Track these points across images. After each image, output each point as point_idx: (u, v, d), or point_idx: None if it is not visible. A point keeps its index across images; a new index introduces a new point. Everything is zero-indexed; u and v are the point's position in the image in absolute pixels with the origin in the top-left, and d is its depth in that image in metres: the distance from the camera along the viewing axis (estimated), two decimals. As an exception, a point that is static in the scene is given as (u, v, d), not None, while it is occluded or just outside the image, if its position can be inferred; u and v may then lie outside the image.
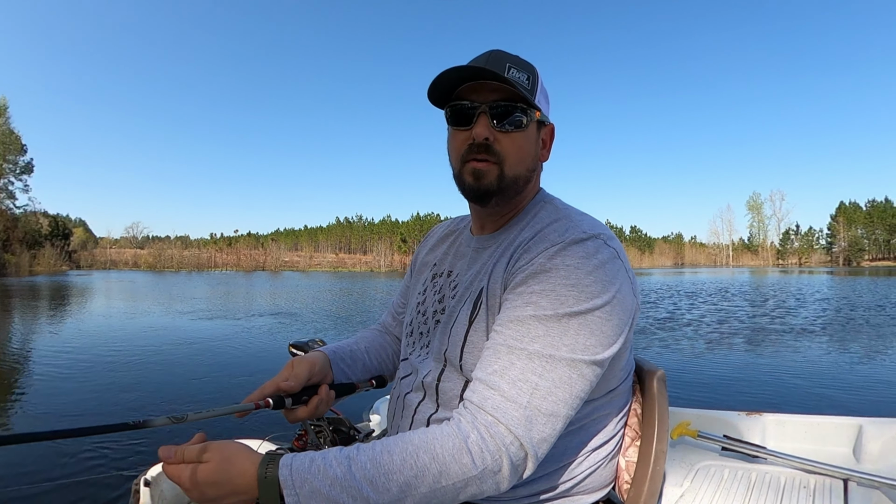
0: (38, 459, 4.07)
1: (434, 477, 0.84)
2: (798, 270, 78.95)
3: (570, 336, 0.92)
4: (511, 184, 1.12)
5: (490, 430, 0.87)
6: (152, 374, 7.29)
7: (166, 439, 4.15)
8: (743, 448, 1.71)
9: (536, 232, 1.05)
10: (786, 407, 5.67)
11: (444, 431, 0.89)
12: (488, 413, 0.88)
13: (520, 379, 0.89)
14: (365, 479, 0.83)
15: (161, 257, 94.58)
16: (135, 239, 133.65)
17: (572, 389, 0.91)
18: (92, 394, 6.05)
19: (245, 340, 10.64)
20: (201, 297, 23.26)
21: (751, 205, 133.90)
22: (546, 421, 0.89)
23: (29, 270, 60.76)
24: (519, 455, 0.87)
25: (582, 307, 0.93)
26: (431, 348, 1.20)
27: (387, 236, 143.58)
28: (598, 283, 0.95)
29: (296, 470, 0.84)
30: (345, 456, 0.86)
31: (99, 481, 3.66)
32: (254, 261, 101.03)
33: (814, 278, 42.69)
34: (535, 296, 0.95)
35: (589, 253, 0.98)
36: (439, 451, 0.86)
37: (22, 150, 64.00)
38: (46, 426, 4.77)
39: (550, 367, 0.90)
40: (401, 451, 0.86)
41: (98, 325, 13.38)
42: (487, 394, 0.90)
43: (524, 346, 0.91)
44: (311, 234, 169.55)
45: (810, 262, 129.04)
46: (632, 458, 1.22)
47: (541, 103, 1.13)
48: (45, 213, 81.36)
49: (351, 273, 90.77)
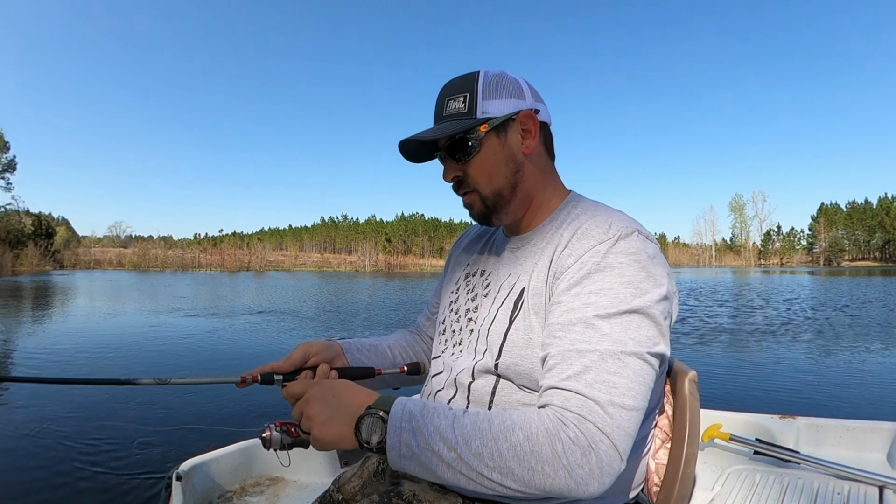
0: (75, 454, 4.21)
1: (525, 455, 0.86)
2: (780, 270, 79.51)
3: (633, 330, 0.94)
4: (496, 199, 1.17)
5: (580, 426, 0.87)
6: (157, 371, 7.48)
7: (187, 438, 4.29)
8: (775, 452, 1.70)
9: (576, 229, 1.07)
10: (820, 410, 5.52)
11: (543, 416, 0.90)
12: (574, 412, 0.89)
13: (597, 381, 0.90)
14: (462, 437, 0.88)
15: (146, 257, 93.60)
16: (118, 238, 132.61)
17: (645, 382, 0.94)
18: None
19: (247, 338, 10.76)
20: (191, 297, 23.26)
21: (733, 206, 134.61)
22: (629, 416, 0.90)
23: (12, 270, 60.02)
24: (610, 453, 0.87)
25: (640, 302, 0.95)
26: (464, 346, 1.21)
27: (372, 236, 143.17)
28: (650, 277, 0.98)
29: (409, 406, 0.92)
30: (451, 412, 0.92)
31: (134, 475, 3.80)
32: (238, 261, 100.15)
33: (814, 279, 42.74)
34: (593, 296, 0.97)
35: (637, 249, 1.00)
36: (534, 432, 0.87)
37: (4, 146, 63.35)
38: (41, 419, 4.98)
39: (623, 364, 0.92)
40: (500, 423, 0.89)
41: (101, 324, 13.44)
42: (568, 395, 0.91)
43: (594, 348, 0.93)
44: (296, 233, 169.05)
45: (791, 262, 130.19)
46: (661, 460, 1.22)
47: (488, 108, 1.13)
48: (27, 211, 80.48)
49: (336, 273, 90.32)
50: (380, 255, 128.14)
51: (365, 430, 0.91)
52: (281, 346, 9.85)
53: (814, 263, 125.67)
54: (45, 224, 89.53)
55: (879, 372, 7.46)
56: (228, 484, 2.21)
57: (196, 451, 2.16)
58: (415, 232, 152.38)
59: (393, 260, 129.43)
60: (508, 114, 1.15)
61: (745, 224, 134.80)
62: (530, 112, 1.16)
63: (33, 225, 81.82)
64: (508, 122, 1.16)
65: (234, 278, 53.89)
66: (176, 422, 5.04)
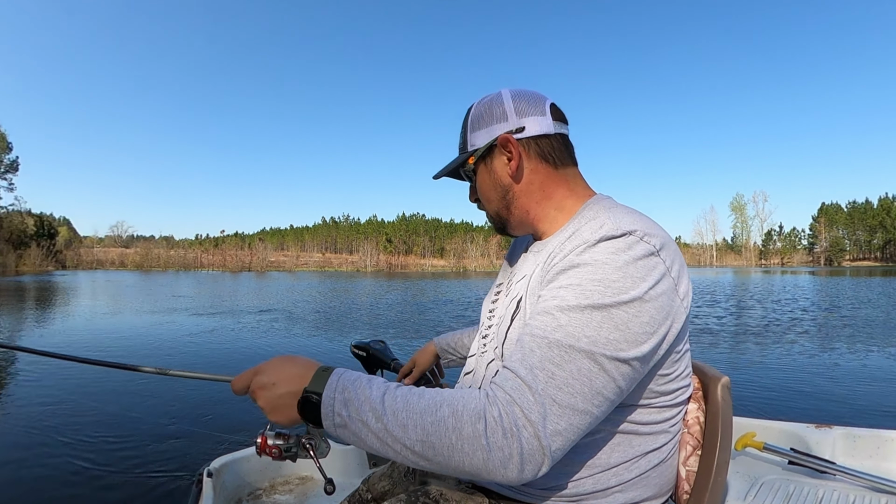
0: (107, 453, 4.29)
1: (447, 431, 0.86)
2: (781, 270, 79.01)
3: (591, 328, 0.90)
4: (497, 218, 1.28)
5: (506, 409, 0.86)
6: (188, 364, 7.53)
7: (219, 435, 4.38)
8: (810, 463, 1.64)
9: (573, 231, 1.07)
10: (857, 420, 5.26)
11: (472, 395, 0.90)
12: (507, 392, 0.88)
13: (537, 366, 0.89)
14: (391, 408, 0.89)
15: (148, 257, 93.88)
16: (119, 238, 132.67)
17: (592, 384, 0.89)
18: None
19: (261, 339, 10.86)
20: (198, 296, 23.33)
21: (734, 206, 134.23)
22: (561, 413, 0.87)
23: (15, 270, 60.26)
24: (532, 443, 0.85)
25: (606, 301, 0.91)
26: (488, 345, 1.25)
27: (373, 236, 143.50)
28: (626, 278, 0.93)
29: (344, 377, 0.94)
30: (385, 385, 0.94)
31: (166, 473, 3.89)
32: (240, 261, 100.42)
33: (831, 280, 41.78)
34: (562, 290, 0.96)
35: (619, 249, 0.96)
36: (460, 409, 0.87)
37: (7, 147, 63.37)
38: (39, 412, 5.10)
39: (569, 358, 0.89)
40: (429, 398, 0.90)
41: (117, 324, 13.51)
42: (508, 376, 0.91)
43: (545, 335, 0.91)
44: (298, 233, 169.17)
45: (792, 262, 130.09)
46: (692, 467, 1.20)
47: (477, 138, 1.22)
48: (30, 212, 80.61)
49: (337, 273, 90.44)
50: (381, 255, 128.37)
51: (307, 410, 0.94)
52: (277, 345, 9.87)
53: (814, 263, 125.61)
54: (48, 224, 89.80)
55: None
56: (258, 482, 2.26)
57: (227, 450, 2.22)
58: (416, 232, 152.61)
59: (394, 260, 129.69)
60: (487, 143, 1.20)
61: (746, 224, 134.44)
62: (507, 136, 1.17)
63: (36, 225, 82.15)
64: (492, 149, 1.20)
65: (237, 278, 53.96)
66: (207, 419, 5.14)
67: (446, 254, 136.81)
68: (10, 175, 64.87)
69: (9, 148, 63.57)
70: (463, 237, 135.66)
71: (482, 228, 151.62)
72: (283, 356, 1.03)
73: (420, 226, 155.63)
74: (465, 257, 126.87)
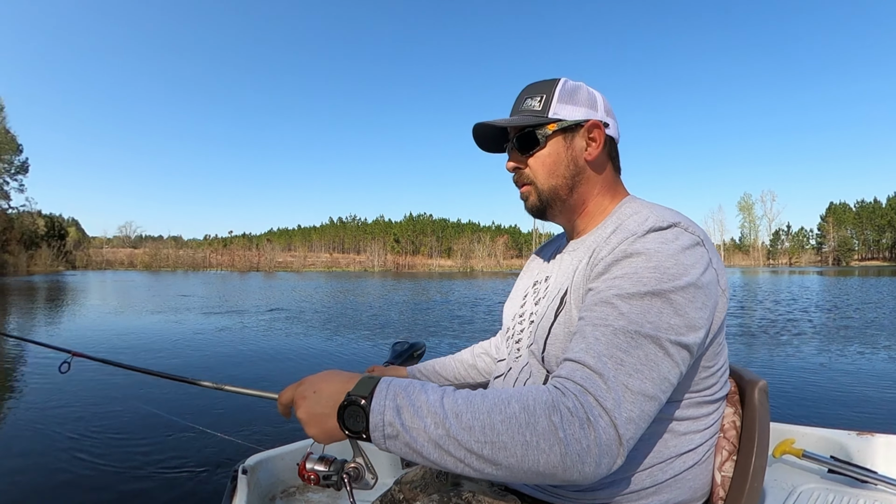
0: (144, 448, 4.45)
1: (520, 427, 0.81)
2: (789, 271, 78.60)
3: (652, 314, 0.91)
4: (552, 195, 1.23)
5: (580, 398, 0.83)
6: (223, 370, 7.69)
7: (254, 434, 4.49)
8: (851, 471, 1.60)
9: (616, 226, 1.09)
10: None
11: (539, 388, 0.87)
12: (577, 382, 0.85)
13: (605, 354, 0.88)
14: (453, 411, 0.82)
15: (157, 257, 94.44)
16: (128, 238, 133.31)
17: (659, 369, 0.89)
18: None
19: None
20: (209, 297, 23.44)
21: (742, 205, 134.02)
22: (634, 399, 0.85)
23: (26, 270, 60.74)
24: (609, 432, 0.82)
25: (663, 286, 0.92)
26: (523, 346, 1.25)
27: (380, 236, 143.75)
28: (679, 265, 0.95)
29: (394, 383, 0.87)
30: (441, 388, 0.88)
31: (201, 469, 4.02)
32: (248, 261, 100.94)
33: (856, 280, 41.17)
34: (617, 280, 0.96)
35: (668, 239, 0.99)
36: (531, 403, 0.83)
37: (17, 149, 63.74)
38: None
39: (635, 344, 0.89)
40: (494, 396, 0.85)
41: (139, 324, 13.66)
42: (574, 367, 0.88)
43: (608, 324, 0.91)
44: (305, 233, 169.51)
45: (800, 262, 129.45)
46: (728, 472, 1.18)
47: (560, 111, 1.20)
48: (40, 213, 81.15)
49: (345, 273, 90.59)
50: (388, 255, 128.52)
51: (349, 418, 0.86)
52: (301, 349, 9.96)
53: (822, 263, 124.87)
54: (58, 225, 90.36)
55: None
56: (291, 479, 2.26)
57: (262, 447, 2.25)
58: (423, 232, 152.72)
59: (401, 260, 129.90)
60: (577, 119, 1.20)
61: (754, 224, 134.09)
62: (598, 123, 1.21)
63: (46, 226, 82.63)
64: (577, 127, 1.21)
65: (245, 278, 54.23)
66: (242, 417, 5.26)
67: (453, 254, 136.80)
68: (20, 176, 65.11)
69: (19, 149, 63.90)
70: (470, 237, 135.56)
71: (489, 229, 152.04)
72: (328, 370, 0.98)
73: (427, 226, 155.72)
74: (472, 257, 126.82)
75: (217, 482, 3.77)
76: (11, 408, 5.90)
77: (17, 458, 4.33)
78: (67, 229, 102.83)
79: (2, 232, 58.84)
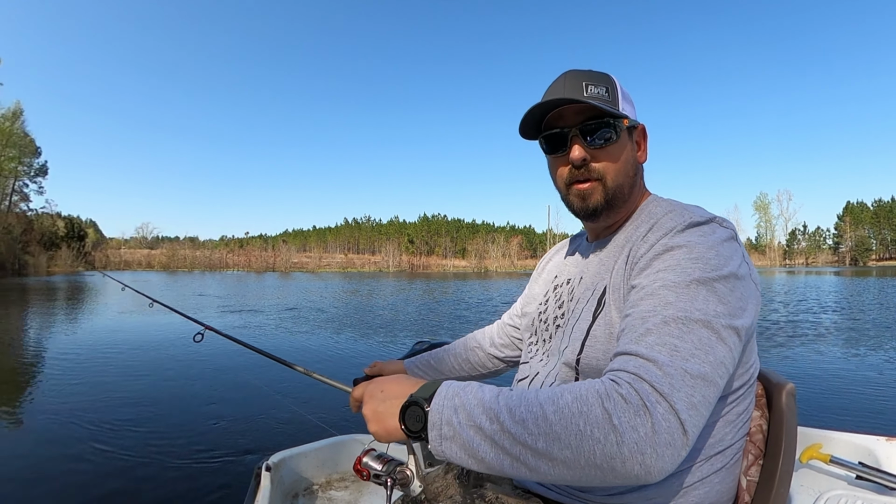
0: (167, 441, 4.54)
1: (573, 416, 0.78)
2: (806, 271, 77.69)
3: (700, 301, 0.89)
4: (617, 195, 1.17)
5: (634, 385, 0.79)
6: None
7: (279, 431, 4.68)
8: (880, 478, 1.55)
9: (652, 224, 1.08)
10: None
11: (593, 380, 0.84)
12: (630, 372, 0.82)
13: (657, 343, 0.85)
14: (506, 406, 0.81)
15: (174, 258, 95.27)
16: (145, 239, 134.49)
17: (715, 353, 0.86)
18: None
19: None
20: (229, 296, 23.71)
21: (758, 205, 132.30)
22: (693, 383, 0.81)
23: (46, 270, 61.53)
24: (668, 419, 0.77)
25: (707, 275, 0.92)
26: (551, 350, 1.23)
27: (395, 237, 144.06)
28: (719, 256, 0.96)
29: (453, 384, 0.87)
30: (499, 388, 0.87)
31: (224, 464, 4.06)
32: (264, 262, 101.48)
33: (869, 281, 40.45)
34: (660, 273, 0.95)
35: (707, 232, 1.00)
36: (584, 392, 0.80)
37: (36, 152, 64.59)
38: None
39: (687, 329, 0.86)
40: (548, 390, 0.84)
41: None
42: (626, 358, 0.86)
43: (657, 313, 0.89)
44: (320, 234, 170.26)
45: (817, 262, 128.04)
46: (754, 477, 1.16)
47: (625, 109, 1.16)
48: (59, 214, 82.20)
49: (360, 273, 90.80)
50: (403, 256, 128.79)
51: (410, 418, 0.87)
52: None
53: (839, 263, 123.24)
54: (77, 226, 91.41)
55: None
56: (315, 477, 2.27)
57: (287, 444, 2.28)
58: (437, 233, 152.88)
59: (416, 260, 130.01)
60: (635, 121, 1.19)
61: (770, 223, 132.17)
62: (643, 126, 1.23)
63: (66, 227, 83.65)
64: (633, 128, 1.20)
65: (262, 279, 54.37)
66: (267, 414, 5.31)
67: (468, 254, 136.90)
68: (40, 179, 66.07)
69: (38, 152, 64.76)
70: (484, 238, 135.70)
71: (503, 229, 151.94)
72: (399, 374, 1.02)
73: (442, 226, 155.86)
74: (486, 258, 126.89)
75: (240, 477, 3.81)
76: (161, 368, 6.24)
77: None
78: (86, 230, 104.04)
79: (22, 233, 59.56)
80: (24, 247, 60.05)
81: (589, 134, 1.14)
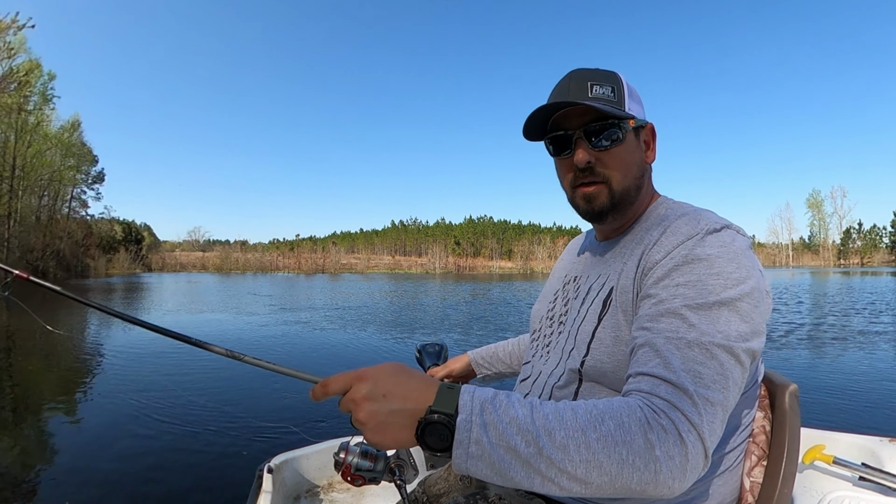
0: (168, 442, 4.66)
1: (616, 445, 0.77)
2: (861, 271, 75.16)
3: (721, 323, 0.89)
4: (623, 197, 1.15)
5: (671, 415, 0.80)
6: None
7: (281, 433, 5.13)
8: (884, 479, 1.56)
9: (665, 228, 1.05)
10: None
11: (630, 403, 0.83)
12: (663, 399, 0.83)
13: (682, 369, 0.85)
14: (544, 428, 0.77)
15: (227, 260, 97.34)
16: (197, 242, 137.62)
17: (733, 378, 0.88)
18: None
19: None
20: (281, 296, 24.45)
21: (811, 202, 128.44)
22: (714, 410, 0.84)
23: (105, 273, 64.11)
24: (697, 447, 0.80)
25: (729, 294, 0.92)
26: (552, 349, 1.23)
27: (441, 239, 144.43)
28: (741, 269, 0.94)
29: (477, 395, 0.80)
30: (528, 401, 0.81)
31: (225, 467, 4.14)
32: (314, 263, 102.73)
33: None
34: (681, 287, 0.94)
35: (725, 241, 0.97)
36: (626, 421, 0.79)
37: (93, 160, 66.76)
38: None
39: (710, 355, 0.87)
40: (585, 412, 0.80)
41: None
42: (656, 382, 0.86)
43: (680, 336, 0.89)
44: (367, 236, 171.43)
45: (872, 262, 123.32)
46: (757, 478, 1.16)
47: (632, 108, 1.14)
48: (117, 219, 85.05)
49: (407, 274, 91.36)
50: (449, 258, 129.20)
51: (431, 436, 0.78)
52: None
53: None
54: (134, 230, 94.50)
55: None
56: (317, 479, 2.26)
57: (289, 447, 2.29)
58: (483, 234, 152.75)
59: (462, 262, 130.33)
60: (643, 120, 1.17)
61: (824, 222, 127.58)
62: (652, 125, 1.21)
63: (123, 231, 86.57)
64: (640, 128, 1.17)
65: (312, 280, 55.27)
66: (270, 414, 5.44)
67: (514, 255, 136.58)
68: (97, 185, 68.16)
69: (95, 161, 66.96)
70: (530, 239, 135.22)
71: (549, 230, 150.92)
72: (394, 364, 0.87)
73: (488, 228, 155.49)
74: (532, 259, 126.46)
75: (242, 479, 3.76)
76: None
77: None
78: (142, 234, 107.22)
79: (83, 238, 62.07)
80: (85, 250, 62.57)
81: (593, 136, 1.12)
